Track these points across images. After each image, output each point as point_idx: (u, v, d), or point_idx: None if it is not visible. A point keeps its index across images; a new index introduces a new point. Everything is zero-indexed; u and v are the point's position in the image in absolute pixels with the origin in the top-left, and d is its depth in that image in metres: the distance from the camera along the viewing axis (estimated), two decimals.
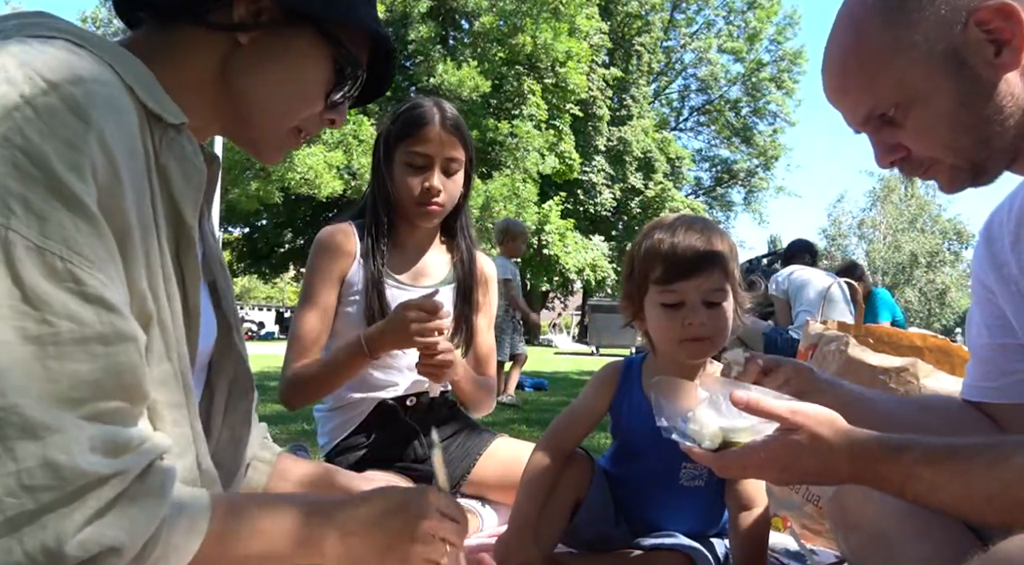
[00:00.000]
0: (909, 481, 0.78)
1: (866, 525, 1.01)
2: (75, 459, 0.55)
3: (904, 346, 1.88)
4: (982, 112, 0.85)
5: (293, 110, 0.84)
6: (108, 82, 0.65)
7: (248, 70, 0.80)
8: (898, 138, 0.91)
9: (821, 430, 0.82)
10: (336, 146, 16.65)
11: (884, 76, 0.87)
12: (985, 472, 0.74)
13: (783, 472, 0.86)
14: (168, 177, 0.71)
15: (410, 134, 1.67)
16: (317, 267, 1.70)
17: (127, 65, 0.70)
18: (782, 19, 28.41)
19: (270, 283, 25.73)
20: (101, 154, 0.60)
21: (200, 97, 0.80)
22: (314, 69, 0.83)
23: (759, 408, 0.84)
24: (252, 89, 0.81)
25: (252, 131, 0.85)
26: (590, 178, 22.95)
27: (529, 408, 4.75)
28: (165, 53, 0.77)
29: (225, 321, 0.90)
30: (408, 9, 18.68)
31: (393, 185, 1.70)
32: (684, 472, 1.32)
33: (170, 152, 0.71)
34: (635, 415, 1.33)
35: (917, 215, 34.49)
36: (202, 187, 0.75)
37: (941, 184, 0.93)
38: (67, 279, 0.57)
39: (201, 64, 0.79)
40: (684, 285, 1.23)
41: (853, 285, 2.52)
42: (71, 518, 0.55)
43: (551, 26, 19.07)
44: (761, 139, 28.99)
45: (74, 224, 0.57)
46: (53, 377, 0.55)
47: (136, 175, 0.65)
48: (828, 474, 0.84)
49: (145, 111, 0.69)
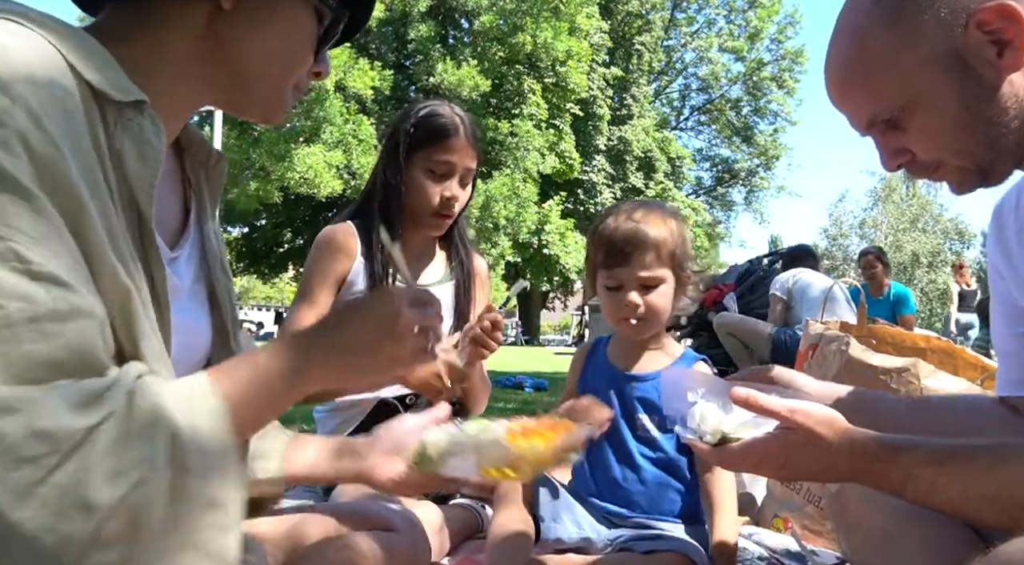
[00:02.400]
0: (909, 482, 0.78)
1: (867, 524, 1.02)
2: (61, 421, 0.54)
3: (907, 347, 1.87)
4: (986, 114, 0.84)
5: (290, 70, 0.83)
6: (38, 55, 0.61)
7: (238, 34, 0.78)
8: (903, 142, 0.90)
9: (820, 429, 0.82)
10: (336, 146, 16.65)
11: (886, 81, 0.86)
12: (985, 474, 0.74)
13: (782, 469, 0.87)
14: (123, 159, 0.67)
15: (435, 142, 1.68)
16: (317, 266, 1.71)
17: (71, 42, 0.66)
18: (783, 18, 28.41)
19: (269, 283, 25.77)
20: (31, 125, 0.57)
21: (186, 71, 0.77)
22: (301, 25, 0.81)
23: (758, 405, 0.84)
24: (246, 54, 0.79)
25: (252, 94, 0.82)
26: (590, 178, 22.94)
27: (529, 409, 4.74)
28: (139, 33, 0.75)
29: (222, 325, 0.87)
30: (408, 8, 18.68)
31: (410, 190, 1.70)
32: (639, 422, 1.42)
33: (126, 133, 0.67)
34: (596, 371, 1.49)
35: (918, 215, 34.48)
36: (158, 170, 0.71)
37: (951, 185, 0.92)
38: (10, 259, 0.54)
39: (182, 37, 0.76)
40: (620, 270, 1.37)
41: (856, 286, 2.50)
42: (83, 471, 0.54)
43: (551, 25, 19.06)
44: (762, 138, 28.97)
45: (9, 201, 0.55)
46: (10, 361, 0.53)
47: (82, 152, 0.62)
48: (827, 472, 0.85)
49: (91, 89, 0.65)
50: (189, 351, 0.83)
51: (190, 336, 0.83)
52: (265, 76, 0.81)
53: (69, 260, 0.58)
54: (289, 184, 16.26)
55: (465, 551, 1.62)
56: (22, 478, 0.52)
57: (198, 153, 0.87)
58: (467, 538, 1.67)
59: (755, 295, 5.38)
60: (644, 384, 1.43)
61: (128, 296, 0.64)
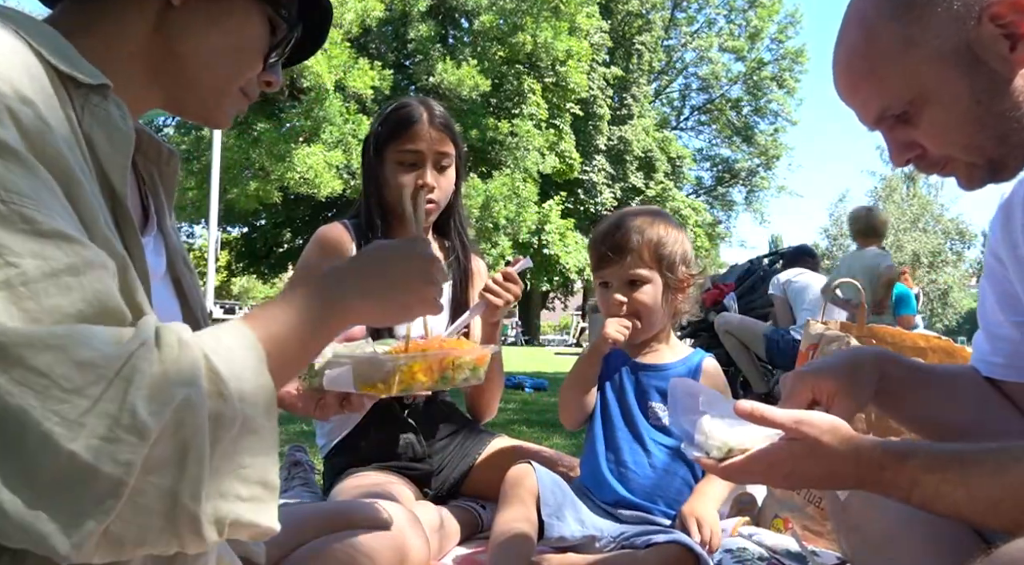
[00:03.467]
0: (915, 488, 0.78)
1: (868, 525, 1.01)
2: (98, 349, 0.55)
3: (907, 347, 1.86)
4: (997, 108, 0.83)
5: (237, 71, 0.83)
6: (9, 43, 0.63)
7: (186, 32, 0.78)
8: (912, 136, 0.89)
9: (825, 438, 0.82)
10: (335, 145, 16.65)
11: (895, 75, 0.85)
12: (990, 479, 0.74)
13: (787, 479, 0.87)
14: (93, 144, 0.68)
15: (399, 133, 1.69)
16: (310, 263, 1.72)
17: (34, 30, 0.67)
18: (784, 18, 28.40)
19: (269, 283, 25.71)
20: (18, 100, 0.59)
21: (137, 67, 0.78)
22: (252, 28, 0.82)
23: (763, 417, 0.84)
24: (193, 52, 0.80)
25: (197, 95, 0.83)
26: (590, 177, 22.94)
27: (529, 408, 4.73)
28: (93, 27, 0.76)
29: (192, 317, 0.88)
30: (407, 8, 18.68)
31: (385, 186, 1.72)
32: (651, 410, 1.50)
33: (94, 118, 0.68)
34: (613, 360, 1.57)
35: (919, 215, 34.48)
36: (129, 153, 0.72)
37: (960, 181, 0.91)
38: (16, 221, 0.55)
39: (134, 32, 0.77)
40: (607, 270, 1.51)
41: (856, 285, 2.49)
42: (128, 396, 0.55)
43: (551, 25, 19.06)
44: (762, 138, 28.97)
45: (6, 167, 0.56)
46: (34, 317, 0.54)
47: (62, 130, 0.63)
48: (833, 480, 0.84)
49: (59, 75, 0.66)
50: None
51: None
52: (207, 73, 0.81)
53: (70, 219, 0.60)
54: (289, 184, 16.26)
55: (465, 550, 1.62)
56: (72, 409, 0.53)
57: (149, 151, 0.87)
58: (467, 538, 1.67)
59: (755, 295, 5.38)
60: (659, 373, 1.52)
61: (125, 265, 0.65)
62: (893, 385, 1.01)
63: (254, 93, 0.88)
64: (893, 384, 1.01)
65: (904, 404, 1.05)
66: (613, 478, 1.47)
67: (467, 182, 13.17)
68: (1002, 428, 1.00)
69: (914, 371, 1.06)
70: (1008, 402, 1.02)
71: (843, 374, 0.97)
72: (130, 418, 0.54)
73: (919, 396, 1.04)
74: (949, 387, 1.06)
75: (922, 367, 1.13)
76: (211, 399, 0.59)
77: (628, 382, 1.53)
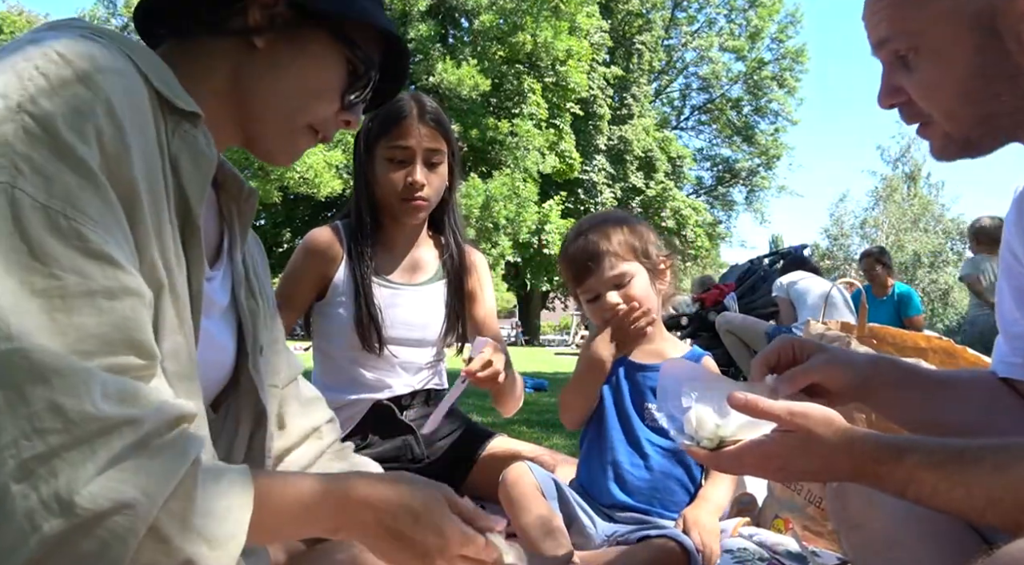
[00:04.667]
0: (911, 484, 0.77)
1: (868, 524, 1.01)
2: (83, 403, 0.54)
3: (908, 347, 1.86)
4: (993, 88, 0.81)
5: (305, 107, 0.85)
6: (119, 62, 0.67)
7: (263, 73, 0.82)
8: (904, 82, 0.87)
9: (819, 430, 0.81)
10: (335, 145, 16.66)
11: (912, 15, 0.82)
12: (989, 477, 0.73)
13: (780, 471, 0.86)
14: (178, 166, 0.72)
15: (389, 130, 1.66)
16: (301, 269, 1.71)
17: (143, 56, 0.72)
18: (784, 17, 28.40)
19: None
20: (108, 122, 0.62)
21: (219, 105, 0.82)
22: (328, 69, 0.85)
23: (757, 409, 0.82)
24: (265, 89, 0.83)
25: (271, 132, 0.86)
26: (591, 177, 22.94)
27: (529, 409, 4.73)
28: (185, 66, 0.79)
29: (244, 351, 0.89)
30: (407, 7, 18.69)
31: (376, 183, 1.69)
32: (647, 411, 1.47)
33: (183, 142, 0.73)
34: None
35: (920, 215, 34.46)
36: (210, 177, 0.76)
37: (932, 148, 0.89)
38: (72, 236, 0.58)
39: (218, 71, 0.82)
40: (589, 282, 1.48)
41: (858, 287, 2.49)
42: (83, 466, 0.54)
43: (551, 24, 19.07)
44: (763, 138, 28.97)
45: (78, 185, 0.59)
46: (61, 329, 0.56)
47: (147, 151, 0.67)
48: (828, 473, 0.84)
49: (159, 98, 0.71)
50: (216, 366, 0.86)
51: (218, 352, 0.86)
52: (281, 111, 0.84)
53: (124, 246, 0.62)
54: (289, 184, 16.28)
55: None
56: (30, 449, 0.53)
57: (232, 188, 0.91)
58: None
59: (756, 295, 5.39)
60: (655, 373, 1.47)
61: (160, 291, 0.67)
62: (890, 388, 1.00)
63: (330, 133, 0.89)
64: (890, 388, 1.00)
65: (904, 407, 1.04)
66: (610, 482, 1.46)
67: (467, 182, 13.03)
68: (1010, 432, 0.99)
69: (912, 374, 1.05)
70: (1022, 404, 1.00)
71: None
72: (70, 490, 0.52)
73: (919, 399, 1.03)
74: (952, 390, 1.05)
75: (919, 368, 1.11)
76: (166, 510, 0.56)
77: (624, 383, 1.51)
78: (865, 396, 1.01)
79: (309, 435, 1.04)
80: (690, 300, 5.91)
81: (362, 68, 0.86)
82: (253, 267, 0.97)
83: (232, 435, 0.88)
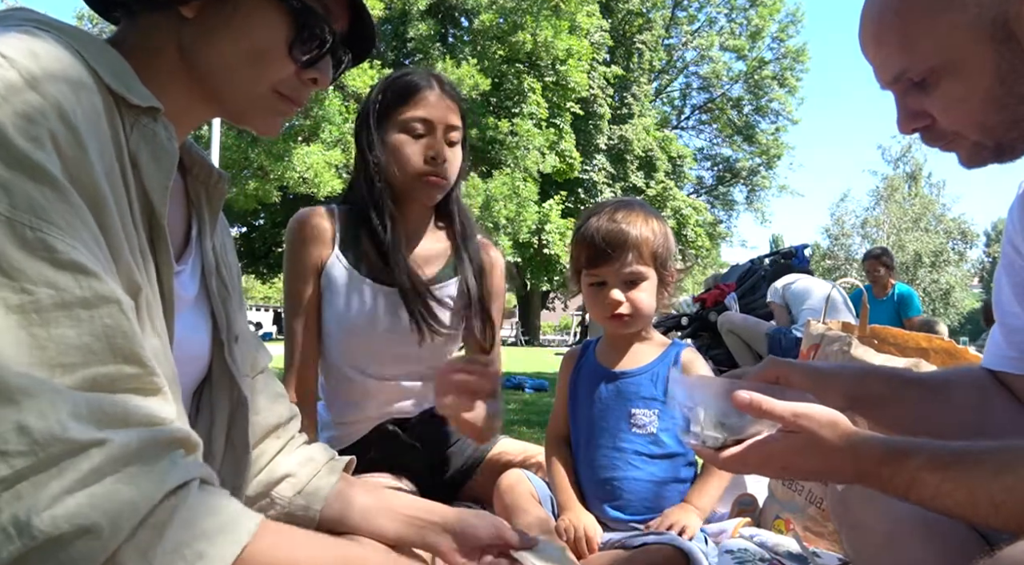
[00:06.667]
0: (914, 486, 0.76)
1: (869, 524, 1.01)
2: (49, 424, 0.52)
3: (910, 348, 1.85)
4: (1019, 91, 0.79)
5: (256, 71, 0.80)
6: (66, 60, 0.64)
7: (200, 42, 0.78)
8: (925, 106, 0.85)
9: (823, 432, 0.81)
10: (335, 145, 16.66)
11: (925, 36, 0.80)
12: (991, 479, 0.73)
13: (783, 471, 0.86)
14: (138, 163, 0.70)
15: (406, 100, 1.50)
16: (292, 263, 1.55)
17: (93, 49, 0.69)
18: (785, 16, 28.40)
19: (268, 283, 25.73)
20: (61, 125, 0.60)
21: (176, 82, 0.78)
22: (265, 27, 0.78)
23: (761, 409, 0.82)
24: (208, 60, 0.78)
25: (229, 104, 0.82)
26: (591, 177, 22.93)
27: (530, 409, 4.73)
28: (138, 45, 0.77)
29: (219, 339, 0.88)
30: (407, 6, 18.67)
31: (391, 158, 1.50)
32: (634, 418, 1.42)
33: (141, 138, 0.70)
34: (587, 372, 1.50)
35: (921, 214, 34.44)
36: (172, 174, 0.73)
37: (961, 158, 0.88)
38: (39, 248, 0.56)
39: (166, 50, 0.78)
40: (603, 269, 1.40)
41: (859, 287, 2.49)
42: (46, 488, 0.52)
43: (551, 24, 19.05)
44: (763, 137, 28.97)
45: (40, 193, 0.57)
46: (40, 344, 0.54)
47: (105, 151, 0.64)
48: (831, 474, 0.84)
49: (112, 95, 0.68)
50: (192, 362, 0.84)
51: (193, 347, 0.84)
52: (231, 79, 0.79)
53: (96, 250, 0.60)
54: (288, 184, 16.26)
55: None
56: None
57: (200, 172, 0.88)
58: None
59: (756, 295, 5.39)
60: (636, 378, 1.43)
61: (139, 292, 0.65)
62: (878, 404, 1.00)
63: (297, 94, 0.83)
64: (878, 403, 1.00)
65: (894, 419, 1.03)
66: (603, 505, 1.42)
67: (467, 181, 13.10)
68: (1004, 429, 0.99)
69: (899, 386, 1.04)
70: (1015, 402, 1.00)
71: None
72: (28, 514, 0.51)
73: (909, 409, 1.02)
74: (942, 393, 1.05)
75: (908, 376, 1.11)
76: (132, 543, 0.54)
77: (607, 393, 1.44)
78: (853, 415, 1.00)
79: (271, 432, 1.02)
80: (690, 300, 5.92)
81: (306, 21, 0.79)
82: (223, 255, 0.94)
83: (208, 425, 0.86)
